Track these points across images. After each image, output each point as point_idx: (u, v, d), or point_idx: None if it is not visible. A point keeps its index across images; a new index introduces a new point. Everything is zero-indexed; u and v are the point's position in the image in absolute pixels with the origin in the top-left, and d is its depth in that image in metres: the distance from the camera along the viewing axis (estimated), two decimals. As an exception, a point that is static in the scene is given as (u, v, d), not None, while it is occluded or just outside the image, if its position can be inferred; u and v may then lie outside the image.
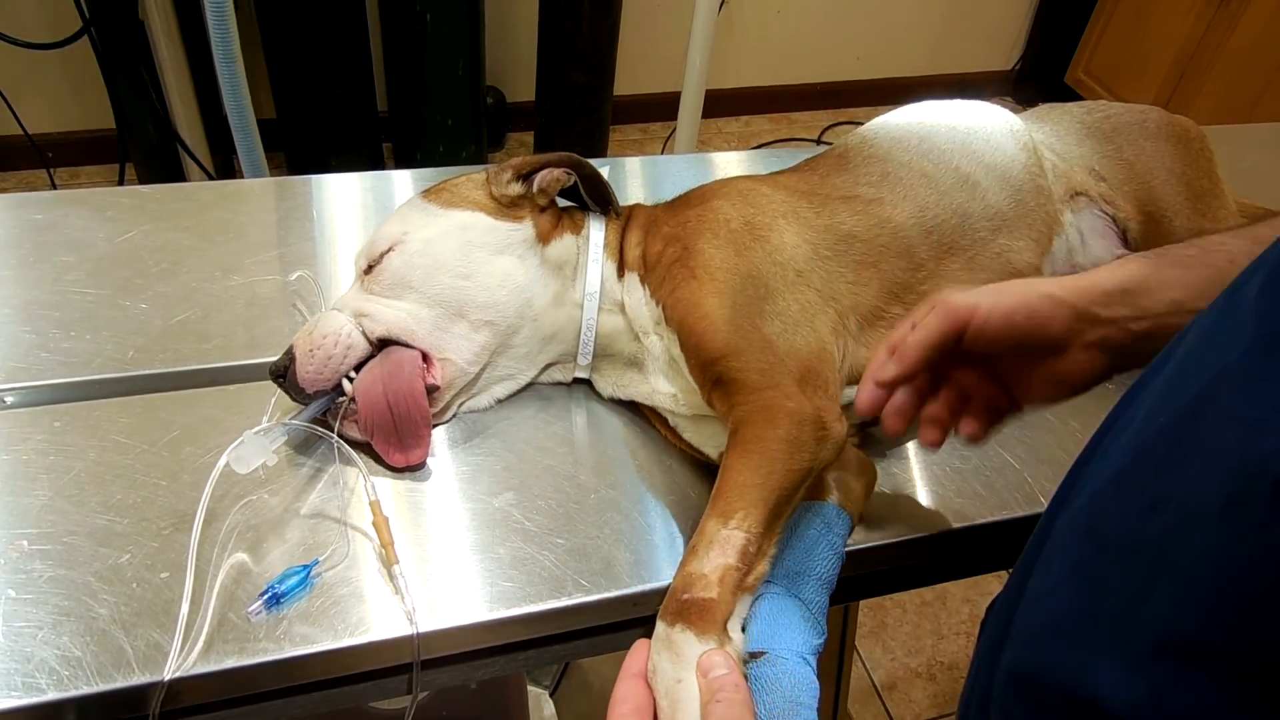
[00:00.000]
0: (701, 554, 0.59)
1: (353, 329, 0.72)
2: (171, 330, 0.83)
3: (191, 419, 0.75)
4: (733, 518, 0.60)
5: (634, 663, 0.57)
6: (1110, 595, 0.42)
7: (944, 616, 1.88)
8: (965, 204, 0.81)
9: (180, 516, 0.67)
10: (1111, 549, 0.43)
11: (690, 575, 0.59)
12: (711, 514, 0.61)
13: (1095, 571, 0.44)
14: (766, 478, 0.61)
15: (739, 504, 0.60)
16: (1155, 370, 0.48)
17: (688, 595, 0.57)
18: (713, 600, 0.57)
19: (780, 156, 1.18)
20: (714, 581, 0.58)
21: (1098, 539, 0.44)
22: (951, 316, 0.59)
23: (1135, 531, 0.41)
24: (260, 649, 0.61)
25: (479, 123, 2.58)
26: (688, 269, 0.72)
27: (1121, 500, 0.43)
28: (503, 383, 0.79)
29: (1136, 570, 0.40)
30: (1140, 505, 0.41)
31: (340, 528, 0.68)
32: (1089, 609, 0.43)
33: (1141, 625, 0.39)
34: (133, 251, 0.91)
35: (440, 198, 0.77)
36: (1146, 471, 0.42)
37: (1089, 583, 0.44)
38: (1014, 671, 0.50)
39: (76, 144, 2.63)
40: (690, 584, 0.58)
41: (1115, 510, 0.44)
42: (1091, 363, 0.59)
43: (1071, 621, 0.45)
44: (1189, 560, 0.36)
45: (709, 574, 0.58)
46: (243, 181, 1.06)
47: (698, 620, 0.56)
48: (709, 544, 0.60)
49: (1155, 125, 0.94)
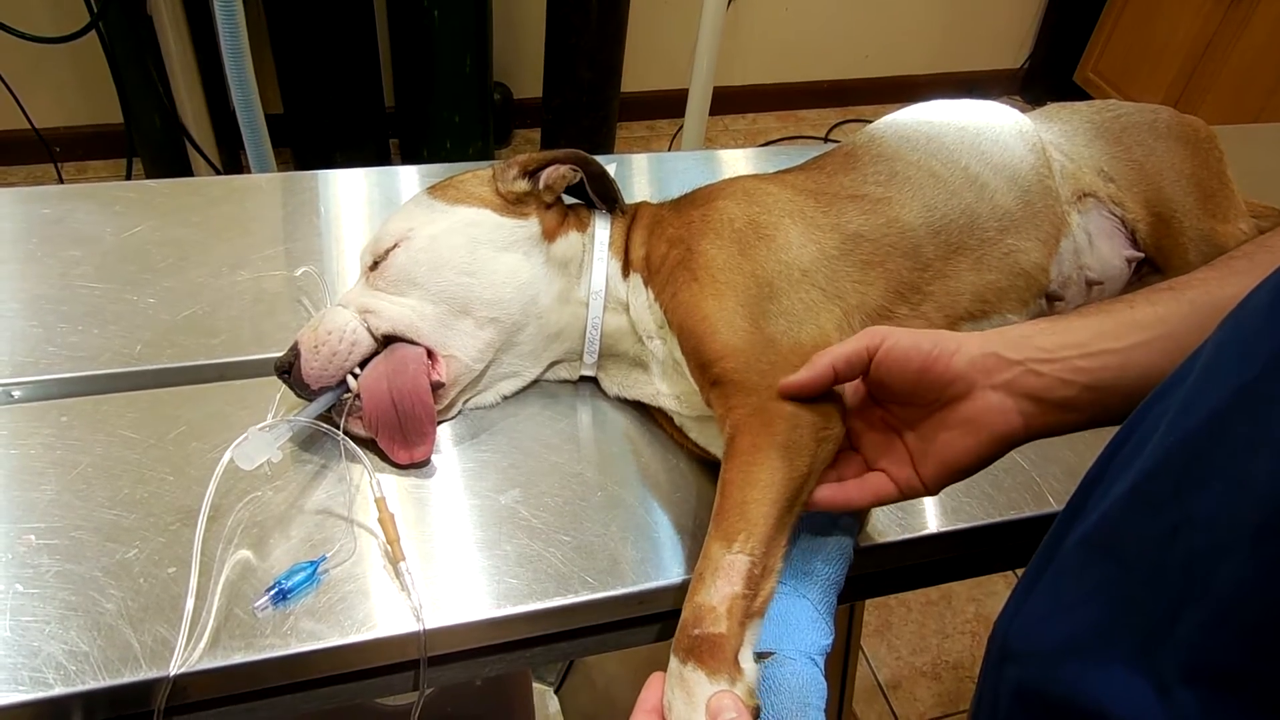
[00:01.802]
0: (709, 583, 0.59)
1: (358, 325, 0.72)
2: (178, 325, 0.83)
3: (198, 414, 0.75)
4: (735, 540, 0.59)
5: (649, 697, 0.57)
6: (1132, 616, 0.41)
7: (949, 616, 1.87)
8: (973, 204, 0.81)
9: (187, 512, 0.67)
10: (1132, 569, 0.42)
11: (699, 608, 0.58)
12: (715, 536, 0.60)
13: (1114, 592, 0.43)
14: (766, 491, 0.61)
15: (740, 524, 0.60)
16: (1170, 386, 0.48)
17: (698, 631, 0.57)
18: (722, 636, 0.56)
19: (788, 154, 1.17)
20: (722, 614, 0.57)
21: (1115, 558, 0.43)
22: (868, 337, 0.61)
23: (1158, 553, 0.40)
24: (266, 644, 0.61)
25: (486, 119, 2.57)
26: (690, 271, 0.72)
27: (1139, 520, 0.42)
28: (508, 380, 0.79)
29: (1161, 593, 0.39)
30: (1161, 526, 0.40)
31: (345, 524, 0.68)
32: (1107, 629, 0.43)
33: (1167, 649, 0.38)
34: (140, 246, 0.91)
35: (446, 194, 0.77)
36: (1164, 491, 0.41)
37: (1108, 603, 0.43)
38: (1023, 689, 0.49)
39: (84, 138, 2.63)
40: (700, 618, 0.57)
41: (1133, 530, 0.43)
42: (1002, 407, 0.59)
43: (1087, 641, 0.44)
44: (1219, 586, 0.35)
45: (717, 606, 0.57)
46: (249, 176, 1.06)
47: (709, 659, 0.55)
48: (715, 571, 0.59)
49: (1166, 125, 0.93)
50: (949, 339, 0.60)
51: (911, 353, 0.59)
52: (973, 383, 0.59)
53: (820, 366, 0.62)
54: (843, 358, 0.62)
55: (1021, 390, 0.59)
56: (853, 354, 0.62)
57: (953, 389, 0.60)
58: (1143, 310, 0.61)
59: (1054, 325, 0.61)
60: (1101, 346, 0.59)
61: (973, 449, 0.60)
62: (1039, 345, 0.59)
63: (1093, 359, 0.58)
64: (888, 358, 0.60)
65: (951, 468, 0.61)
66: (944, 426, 0.61)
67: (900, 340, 0.60)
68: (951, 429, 0.60)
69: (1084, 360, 0.58)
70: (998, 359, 0.59)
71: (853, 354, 0.62)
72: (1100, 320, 0.61)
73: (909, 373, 0.60)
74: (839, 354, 0.62)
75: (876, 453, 0.65)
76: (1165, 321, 0.60)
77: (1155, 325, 0.59)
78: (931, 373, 0.59)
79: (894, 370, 0.60)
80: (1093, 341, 0.59)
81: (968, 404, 0.59)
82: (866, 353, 0.61)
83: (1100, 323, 0.60)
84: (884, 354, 0.60)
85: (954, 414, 0.60)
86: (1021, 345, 0.60)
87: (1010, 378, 0.59)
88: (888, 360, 0.60)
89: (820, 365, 0.62)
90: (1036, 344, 0.59)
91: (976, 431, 0.60)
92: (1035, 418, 0.59)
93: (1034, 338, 0.60)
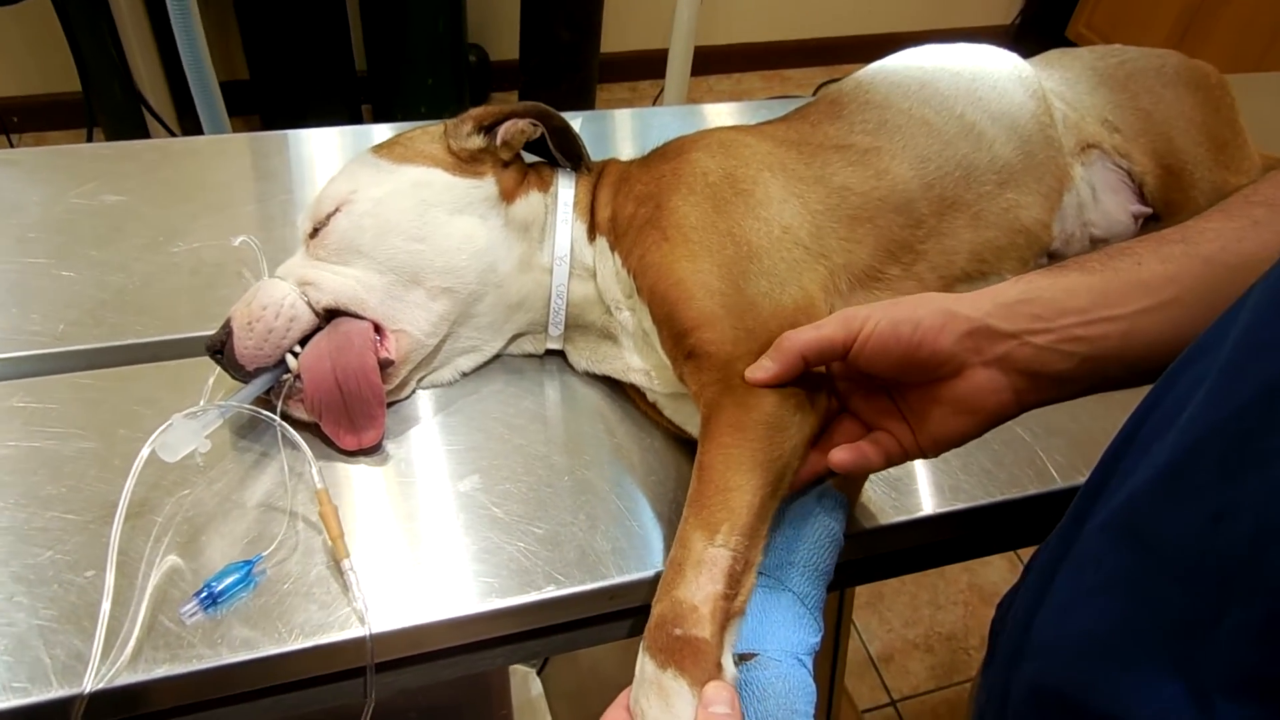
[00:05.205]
0: (690, 578, 0.53)
1: (296, 299, 0.65)
2: (108, 302, 0.76)
3: (125, 399, 0.69)
4: (719, 530, 0.54)
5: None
6: (1163, 613, 0.37)
7: (941, 586, 1.83)
8: (970, 155, 0.75)
9: (110, 509, 0.60)
10: (1164, 559, 0.38)
11: (680, 605, 0.52)
12: (695, 524, 0.55)
13: (1142, 583, 0.39)
14: (750, 475, 0.55)
15: (723, 513, 0.54)
16: (1203, 349, 0.42)
17: (679, 631, 0.51)
18: (706, 641, 0.51)
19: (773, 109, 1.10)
20: (706, 616, 0.51)
21: (1144, 546, 0.39)
22: (844, 323, 0.55)
23: (1196, 542, 0.36)
24: (194, 655, 0.55)
25: (461, 82, 2.50)
26: (659, 230, 0.65)
27: (1173, 504, 0.38)
28: (467, 355, 0.72)
29: (1199, 588, 0.35)
30: (1201, 512, 0.36)
31: (286, 519, 0.62)
32: (1133, 625, 0.39)
33: (1207, 654, 0.34)
34: (68, 216, 0.84)
35: (393, 152, 0.70)
36: (1205, 472, 0.36)
37: (1134, 596, 0.39)
38: (1038, 686, 0.45)
39: (42, 108, 2.54)
40: (681, 616, 0.52)
41: (1166, 515, 0.38)
42: (994, 384, 0.54)
43: (1110, 637, 0.40)
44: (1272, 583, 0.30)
45: (700, 606, 0.52)
46: (190, 139, 0.99)
47: (691, 666, 0.49)
48: (697, 565, 0.53)
49: (1174, 71, 0.88)
50: (932, 315, 0.54)
51: (891, 342, 0.54)
52: (963, 362, 0.54)
53: (788, 355, 0.56)
54: (813, 345, 0.56)
55: (1015, 365, 0.54)
56: (824, 342, 0.56)
57: (942, 370, 0.55)
58: (1151, 268, 0.55)
59: (1053, 283, 0.55)
60: (1103, 313, 0.53)
61: (964, 427, 0.56)
62: (1034, 313, 0.54)
63: (1093, 327, 0.53)
64: (865, 348, 0.54)
65: (944, 442, 0.57)
66: (934, 402, 0.56)
67: (879, 328, 0.54)
68: (942, 405, 0.56)
69: (1083, 329, 0.53)
70: (988, 332, 0.54)
71: (824, 342, 0.56)
72: (1104, 279, 0.55)
73: (891, 360, 0.54)
74: (808, 341, 0.56)
75: (872, 413, 0.60)
76: (1176, 283, 0.54)
77: (1164, 288, 0.54)
78: (916, 358, 0.54)
79: (875, 359, 0.55)
80: (1094, 307, 0.53)
81: (958, 383, 0.55)
82: (841, 344, 0.55)
83: (1104, 281, 0.55)
84: (861, 344, 0.55)
85: (944, 392, 0.55)
86: (1015, 313, 0.54)
87: (1003, 352, 0.54)
88: (866, 350, 0.55)
89: (788, 353, 0.56)
90: (1032, 311, 0.54)
91: (967, 411, 0.55)
92: (1028, 393, 0.55)
93: (1030, 303, 0.54)
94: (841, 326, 0.55)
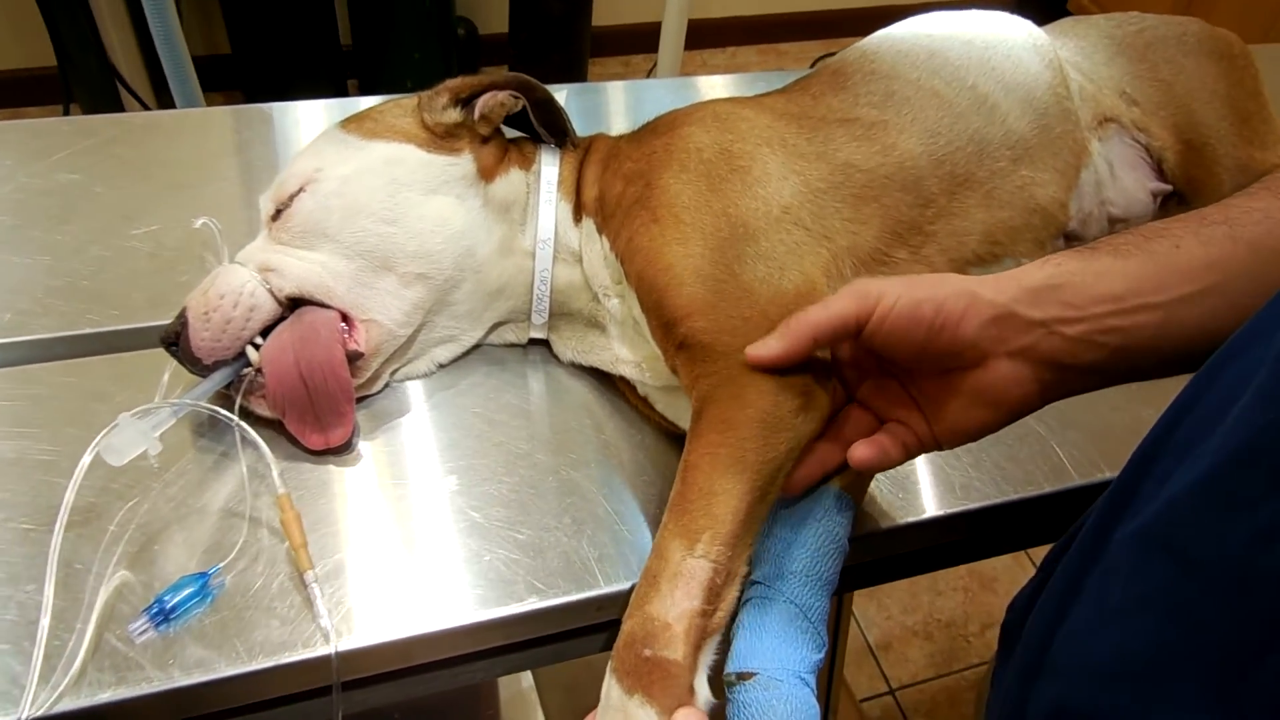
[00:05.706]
0: (664, 592, 0.49)
1: (257, 286, 0.60)
2: (59, 289, 0.71)
3: (75, 395, 0.64)
4: (699, 540, 0.49)
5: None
6: (1203, 637, 0.34)
7: (940, 572, 1.80)
8: (983, 129, 0.70)
9: (54, 516, 0.56)
10: (1205, 578, 0.34)
11: (652, 621, 0.48)
12: (673, 531, 0.50)
13: (1179, 604, 0.36)
14: (737, 479, 0.51)
15: (704, 519, 0.50)
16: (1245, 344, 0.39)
17: (649, 652, 0.47)
18: (678, 665, 0.47)
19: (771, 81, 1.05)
20: (679, 635, 0.47)
21: (1182, 562, 0.36)
22: (858, 298, 0.50)
23: (1243, 560, 0.33)
24: (144, 678, 0.50)
25: (449, 56, 2.45)
26: (649, 210, 0.60)
27: (1217, 516, 0.35)
28: (443, 345, 0.68)
29: (1245, 612, 0.32)
30: (1249, 527, 0.33)
31: (246, 526, 0.57)
32: (1169, 650, 0.36)
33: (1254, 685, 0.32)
34: (18, 196, 0.78)
35: (362, 127, 0.65)
36: (1255, 482, 0.33)
37: (1170, 617, 0.36)
38: (1061, 709, 0.42)
39: (18, 83, 2.47)
40: (652, 635, 0.48)
41: (1209, 529, 0.35)
42: (1017, 376, 0.50)
43: (1142, 662, 0.37)
44: None
45: (674, 624, 0.48)
46: (152, 114, 0.94)
47: (659, 692, 0.46)
48: (673, 578, 0.49)
49: (1195, 40, 0.83)
50: (955, 298, 0.49)
51: (911, 326, 0.49)
52: (985, 351, 0.50)
53: (798, 334, 0.51)
54: (826, 325, 0.51)
55: (1041, 356, 0.50)
56: (837, 321, 0.51)
57: (962, 359, 0.50)
58: (1191, 252, 0.51)
59: (1084, 266, 0.51)
60: (1140, 301, 0.49)
61: (984, 419, 0.52)
62: (1064, 300, 0.50)
63: (1127, 316, 0.49)
64: (882, 328, 0.50)
65: (962, 434, 0.53)
66: (952, 393, 0.52)
67: (898, 307, 0.49)
68: (960, 396, 0.51)
69: (1117, 319, 0.49)
70: (1015, 320, 0.49)
71: (837, 321, 0.51)
72: (1140, 264, 0.51)
73: (910, 346, 0.50)
74: (820, 320, 0.51)
75: (884, 403, 0.55)
76: (1217, 269, 0.50)
77: (1205, 274, 0.50)
78: (936, 344, 0.50)
79: (891, 342, 0.50)
80: (1130, 294, 0.49)
81: (979, 373, 0.50)
82: (855, 320, 0.50)
83: (1140, 266, 0.51)
84: (877, 324, 0.50)
85: (963, 382, 0.51)
86: (1043, 299, 0.50)
87: (1029, 342, 0.50)
88: (884, 329, 0.50)
89: (798, 333, 0.51)
90: (1061, 298, 0.50)
91: (988, 404, 0.51)
92: (1054, 385, 0.51)
93: (1059, 288, 0.50)
94: (856, 300, 0.50)
